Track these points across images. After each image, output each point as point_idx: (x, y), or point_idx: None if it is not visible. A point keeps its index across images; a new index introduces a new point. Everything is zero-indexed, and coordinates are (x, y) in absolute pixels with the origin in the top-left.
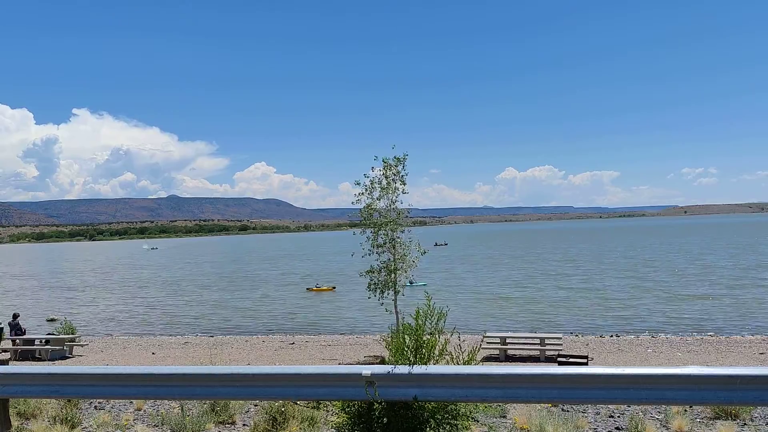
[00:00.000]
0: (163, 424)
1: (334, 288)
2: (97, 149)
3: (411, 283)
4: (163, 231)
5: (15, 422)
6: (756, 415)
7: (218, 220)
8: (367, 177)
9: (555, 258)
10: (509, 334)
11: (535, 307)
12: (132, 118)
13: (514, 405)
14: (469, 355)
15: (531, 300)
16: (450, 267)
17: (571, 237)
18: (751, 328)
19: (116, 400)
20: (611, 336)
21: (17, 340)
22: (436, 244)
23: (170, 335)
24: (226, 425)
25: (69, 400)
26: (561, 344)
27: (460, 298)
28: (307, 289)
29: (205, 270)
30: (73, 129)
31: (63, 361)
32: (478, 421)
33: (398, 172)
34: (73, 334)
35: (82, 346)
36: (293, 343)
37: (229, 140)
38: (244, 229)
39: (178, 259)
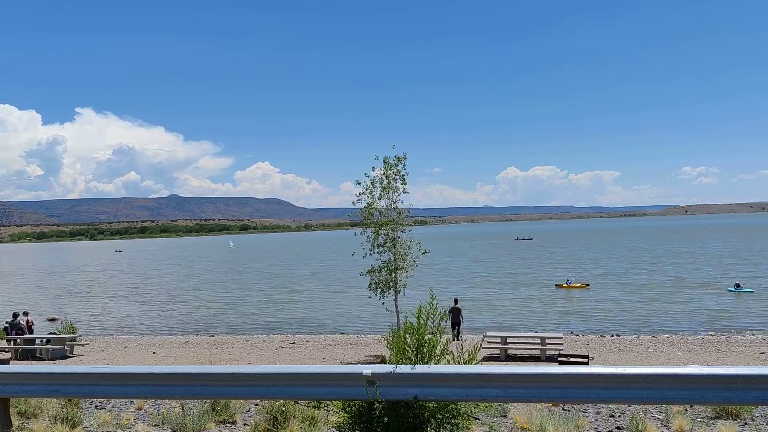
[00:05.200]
0: (163, 424)
1: (588, 285)
2: (101, 149)
3: (738, 286)
4: (164, 230)
5: (16, 421)
6: (757, 414)
7: (219, 219)
8: (368, 176)
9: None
10: (510, 333)
11: None
12: (137, 117)
13: (515, 404)
14: (469, 354)
15: None
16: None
17: (630, 236)
18: (751, 327)
19: (117, 400)
20: (612, 335)
21: (18, 340)
22: (517, 239)
23: (171, 335)
24: (227, 425)
25: (70, 400)
26: (562, 344)
27: None
28: (556, 285)
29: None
30: (78, 129)
31: (64, 360)
32: (479, 421)
33: (398, 172)
34: (73, 333)
35: (82, 345)
36: (294, 343)
37: (234, 140)
38: (244, 228)
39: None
